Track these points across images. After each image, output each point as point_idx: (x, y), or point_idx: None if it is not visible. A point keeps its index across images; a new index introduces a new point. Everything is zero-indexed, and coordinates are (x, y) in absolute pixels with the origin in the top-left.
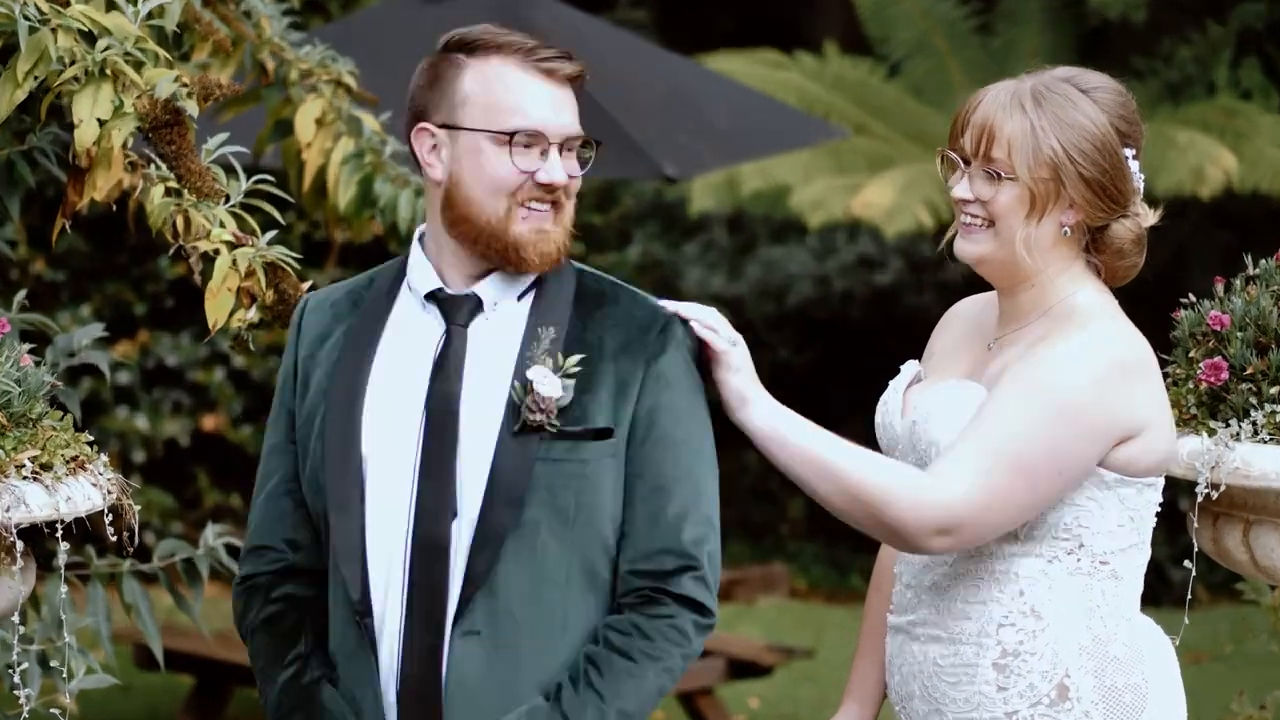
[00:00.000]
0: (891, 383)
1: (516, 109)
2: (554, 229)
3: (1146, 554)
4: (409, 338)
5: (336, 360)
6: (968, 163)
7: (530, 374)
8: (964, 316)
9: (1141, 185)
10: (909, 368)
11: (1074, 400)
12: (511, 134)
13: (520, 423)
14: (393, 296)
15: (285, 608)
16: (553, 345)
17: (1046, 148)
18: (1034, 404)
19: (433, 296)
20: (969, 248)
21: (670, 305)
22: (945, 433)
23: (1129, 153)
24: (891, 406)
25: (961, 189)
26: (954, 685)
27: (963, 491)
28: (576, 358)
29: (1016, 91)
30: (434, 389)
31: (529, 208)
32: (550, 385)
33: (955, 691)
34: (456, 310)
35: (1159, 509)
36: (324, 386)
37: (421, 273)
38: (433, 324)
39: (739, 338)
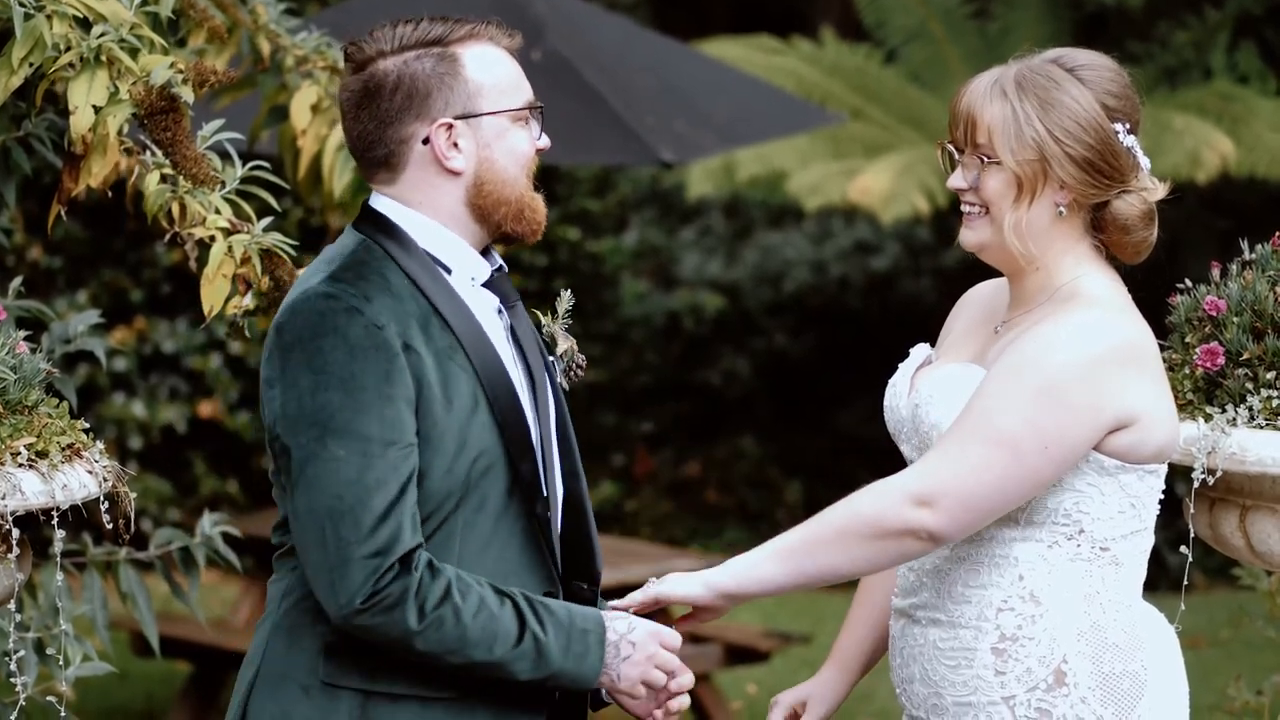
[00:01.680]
0: (901, 366)
1: (517, 86)
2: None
3: (1149, 540)
4: (483, 320)
5: (462, 348)
6: (962, 152)
7: (570, 336)
8: (977, 301)
9: (1144, 159)
10: (919, 351)
11: (1060, 377)
12: (528, 109)
13: (571, 383)
14: (440, 281)
15: (469, 577)
16: (566, 308)
17: (1029, 131)
18: (1019, 378)
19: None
20: (970, 236)
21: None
22: (946, 415)
23: (1120, 128)
24: (899, 390)
25: (955, 178)
26: (953, 669)
27: (935, 462)
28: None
29: (1000, 78)
30: (530, 364)
31: (530, 178)
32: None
33: (954, 675)
34: (508, 288)
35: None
36: (467, 377)
37: (466, 258)
38: (482, 303)
39: (648, 588)
